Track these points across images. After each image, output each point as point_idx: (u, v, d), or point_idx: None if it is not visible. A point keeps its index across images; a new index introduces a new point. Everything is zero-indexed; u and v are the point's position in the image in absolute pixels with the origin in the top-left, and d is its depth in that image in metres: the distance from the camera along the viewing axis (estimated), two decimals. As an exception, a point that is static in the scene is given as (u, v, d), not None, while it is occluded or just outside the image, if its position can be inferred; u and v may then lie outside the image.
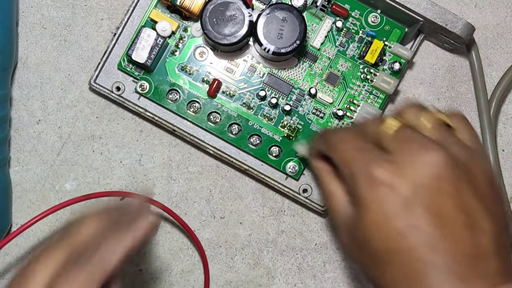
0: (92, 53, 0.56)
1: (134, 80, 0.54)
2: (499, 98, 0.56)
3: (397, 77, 0.53)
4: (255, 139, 0.54)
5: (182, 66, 0.53)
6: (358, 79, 0.53)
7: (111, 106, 0.56)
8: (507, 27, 0.58)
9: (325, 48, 0.53)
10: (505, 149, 0.57)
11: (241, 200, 0.56)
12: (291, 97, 0.53)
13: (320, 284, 0.56)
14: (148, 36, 0.51)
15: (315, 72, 0.53)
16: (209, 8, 0.49)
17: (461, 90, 0.57)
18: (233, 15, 0.49)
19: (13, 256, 0.56)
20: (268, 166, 0.54)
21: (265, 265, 0.56)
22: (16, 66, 0.55)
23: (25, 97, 0.56)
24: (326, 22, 0.53)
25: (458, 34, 0.51)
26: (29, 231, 0.55)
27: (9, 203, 0.54)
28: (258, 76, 0.53)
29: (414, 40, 0.54)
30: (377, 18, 0.53)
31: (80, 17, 0.56)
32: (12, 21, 0.53)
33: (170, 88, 0.53)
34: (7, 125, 0.53)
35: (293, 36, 0.49)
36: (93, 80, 0.53)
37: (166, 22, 0.52)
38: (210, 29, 0.49)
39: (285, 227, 0.56)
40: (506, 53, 0.58)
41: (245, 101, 0.53)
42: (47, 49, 0.56)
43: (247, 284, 0.56)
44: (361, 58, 0.53)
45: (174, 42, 0.53)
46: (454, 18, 0.50)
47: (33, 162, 0.56)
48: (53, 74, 0.56)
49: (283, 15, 0.49)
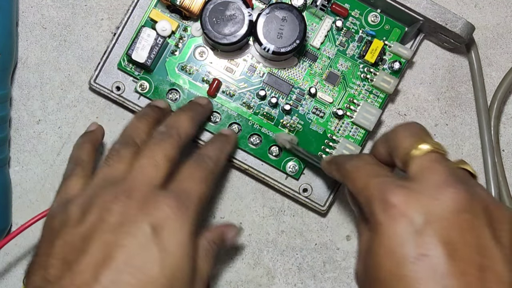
0: (92, 53, 0.56)
1: (134, 79, 0.54)
2: (501, 99, 0.56)
3: (397, 76, 0.53)
4: (255, 139, 0.54)
5: (182, 65, 0.53)
6: (358, 79, 0.53)
7: (111, 106, 0.56)
8: (507, 27, 0.58)
9: (325, 48, 0.53)
10: (505, 149, 0.57)
11: (241, 200, 0.56)
12: (291, 97, 0.53)
13: (320, 284, 0.56)
14: (148, 35, 0.51)
15: (315, 71, 0.53)
16: (209, 7, 0.49)
17: (461, 90, 0.57)
18: (233, 14, 0.49)
19: (13, 256, 0.56)
20: (268, 165, 0.54)
21: (265, 265, 0.56)
22: (16, 66, 0.55)
23: (25, 97, 0.56)
24: (326, 22, 0.53)
25: (458, 33, 0.51)
26: (29, 231, 0.54)
27: (9, 203, 0.54)
28: (258, 75, 0.53)
29: (414, 39, 0.54)
30: (377, 18, 0.53)
31: (80, 17, 0.56)
32: (12, 21, 0.53)
33: (170, 88, 0.53)
34: (7, 125, 0.53)
35: (293, 36, 0.49)
36: (93, 80, 0.53)
37: (166, 22, 0.52)
38: (210, 29, 0.49)
39: (285, 227, 0.56)
40: (506, 53, 0.58)
41: (245, 100, 0.53)
42: (47, 49, 0.56)
43: (247, 284, 0.56)
44: (361, 57, 0.53)
45: (174, 42, 0.53)
46: (454, 17, 0.50)
47: (33, 162, 0.56)
48: (53, 74, 0.56)
49: (283, 15, 0.49)
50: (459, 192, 0.36)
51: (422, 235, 0.35)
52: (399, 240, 0.35)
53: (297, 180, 0.54)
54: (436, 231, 0.35)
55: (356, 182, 0.40)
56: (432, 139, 0.39)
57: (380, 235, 0.36)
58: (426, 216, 0.35)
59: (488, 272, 0.34)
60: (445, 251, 0.34)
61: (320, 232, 0.56)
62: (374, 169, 0.40)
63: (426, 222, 0.35)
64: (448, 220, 0.35)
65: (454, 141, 0.57)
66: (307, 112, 0.53)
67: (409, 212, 0.35)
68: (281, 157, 0.54)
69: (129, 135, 0.45)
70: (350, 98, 0.53)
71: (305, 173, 0.54)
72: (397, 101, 0.57)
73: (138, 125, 0.46)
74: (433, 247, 0.34)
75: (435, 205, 0.35)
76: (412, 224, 0.35)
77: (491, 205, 0.36)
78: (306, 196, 0.54)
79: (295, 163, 0.53)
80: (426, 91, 0.57)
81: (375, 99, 0.53)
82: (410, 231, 0.35)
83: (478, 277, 0.34)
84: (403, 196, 0.36)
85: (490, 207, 0.36)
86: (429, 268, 0.34)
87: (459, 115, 0.57)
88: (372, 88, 0.53)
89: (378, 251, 0.36)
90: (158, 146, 0.43)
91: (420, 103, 0.57)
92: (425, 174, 0.37)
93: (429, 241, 0.35)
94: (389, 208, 0.36)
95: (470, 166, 0.39)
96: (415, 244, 0.35)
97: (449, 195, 0.35)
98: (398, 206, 0.36)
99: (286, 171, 0.54)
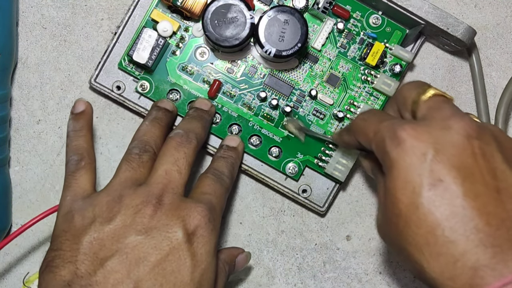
0: (92, 53, 0.56)
1: (135, 79, 0.54)
2: (508, 103, 0.55)
3: (397, 79, 0.52)
4: (255, 140, 0.54)
5: (182, 66, 0.53)
6: (358, 81, 0.53)
7: (111, 106, 0.56)
8: (507, 27, 0.58)
9: (326, 50, 0.53)
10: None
11: (241, 200, 0.56)
12: (291, 98, 0.53)
13: (320, 284, 0.56)
14: (149, 36, 0.51)
15: (315, 73, 0.53)
16: (211, 10, 0.49)
17: (461, 90, 0.57)
18: (234, 17, 0.49)
19: (13, 256, 0.56)
20: (268, 166, 0.54)
21: (265, 265, 0.56)
22: (16, 66, 0.55)
23: (25, 97, 0.55)
24: (327, 24, 0.53)
25: (459, 38, 0.50)
26: (29, 231, 0.55)
27: (9, 203, 0.54)
28: (258, 77, 0.53)
29: (415, 42, 0.54)
30: (379, 20, 0.53)
31: (80, 17, 0.56)
32: (12, 21, 0.52)
33: (171, 88, 0.53)
34: (7, 125, 0.53)
35: (294, 39, 0.49)
36: (93, 79, 0.53)
37: (167, 22, 0.52)
38: (212, 31, 0.49)
39: (285, 227, 0.56)
40: (506, 53, 0.58)
41: (246, 101, 0.53)
42: (47, 49, 0.56)
43: (247, 284, 0.56)
44: (362, 59, 0.53)
45: (175, 42, 0.53)
46: (455, 21, 0.50)
47: (33, 162, 0.56)
48: (53, 74, 0.56)
49: (285, 18, 0.49)
50: (468, 121, 0.37)
51: (436, 162, 0.36)
52: (413, 170, 0.36)
53: (297, 181, 0.54)
54: (449, 158, 0.36)
55: (367, 131, 0.40)
56: (436, 88, 0.41)
57: (395, 170, 0.37)
58: (437, 145, 0.36)
59: (503, 194, 0.35)
60: (459, 175, 0.35)
61: (320, 232, 0.56)
62: (383, 114, 0.41)
63: (438, 150, 0.36)
64: (460, 146, 0.36)
65: (453, 142, 0.57)
66: (308, 114, 0.53)
67: (420, 143, 0.36)
68: (281, 158, 0.54)
69: (145, 140, 0.46)
70: (350, 100, 0.53)
71: (305, 174, 0.54)
72: (397, 102, 0.57)
73: (153, 130, 0.47)
74: (447, 172, 0.35)
75: (445, 134, 0.36)
76: (424, 154, 0.36)
77: (500, 134, 0.38)
78: (305, 197, 0.54)
79: (295, 164, 0.54)
80: (426, 91, 0.57)
81: (375, 101, 0.53)
82: (423, 160, 0.36)
83: (494, 198, 0.35)
84: (413, 130, 0.37)
85: (500, 136, 0.38)
86: (445, 192, 0.35)
87: (458, 116, 0.57)
88: (373, 91, 0.53)
89: (394, 186, 0.37)
90: (179, 153, 0.44)
91: (420, 103, 0.57)
92: (433, 112, 0.38)
93: (443, 167, 0.35)
94: (400, 143, 0.37)
95: None
96: (429, 171, 0.35)
97: (459, 124, 0.36)
98: (409, 139, 0.36)
99: (286, 172, 0.54)
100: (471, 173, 0.35)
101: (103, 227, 0.40)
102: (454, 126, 0.36)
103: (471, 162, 0.36)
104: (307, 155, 0.54)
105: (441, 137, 0.36)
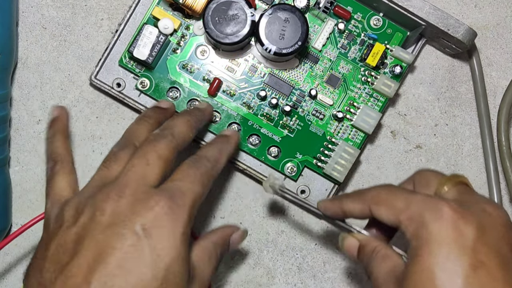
0: (92, 53, 0.56)
1: (135, 77, 0.54)
2: (510, 103, 0.55)
3: (398, 80, 0.52)
4: (254, 139, 0.54)
5: (183, 64, 0.53)
6: (358, 82, 0.53)
7: (111, 106, 0.56)
8: (507, 27, 0.58)
9: (327, 50, 0.53)
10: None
11: (241, 200, 0.56)
12: (291, 98, 0.53)
13: (320, 284, 0.56)
14: (150, 33, 0.51)
15: (316, 73, 0.53)
16: (212, 7, 0.49)
17: (461, 90, 0.57)
18: (235, 14, 0.49)
19: (13, 256, 0.56)
20: (267, 166, 0.54)
21: (265, 265, 0.56)
22: (16, 66, 0.55)
23: (25, 97, 0.55)
24: (328, 24, 0.53)
25: (460, 39, 0.50)
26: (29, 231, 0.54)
27: (9, 203, 0.54)
28: (259, 76, 0.53)
29: (415, 44, 0.54)
30: (379, 21, 0.53)
31: (80, 17, 0.56)
32: (12, 21, 0.52)
33: (171, 86, 0.53)
34: (7, 125, 0.53)
35: (295, 37, 0.49)
36: (93, 76, 0.53)
37: (168, 20, 0.52)
38: (212, 28, 0.49)
39: (285, 227, 0.56)
40: (506, 53, 0.58)
41: (245, 100, 0.53)
42: (47, 49, 0.56)
43: (247, 284, 0.56)
44: (362, 60, 0.53)
45: (175, 40, 0.53)
46: (456, 23, 0.50)
47: (33, 162, 0.56)
48: (53, 74, 0.56)
49: (285, 16, 0.49)
50: (504, 211, 0.38)
51: (479, 243, 0.36)
52: (455, 247, 0.36)
53: (295, 181, 0.54)
54: (492, 241, 0.36)
55: (395, 202, 0.39)
56: None
57: (434, 244, 0.36)
58: (481, 227, 0.36)
59: None
60: (501, 261, 0.35)
61: (320, 232, 0.56)
62: (410, 191, 0.40)
63: (482, 232, 0.36)
64: (500, 233, 0.36)
65: (454, 141, 0.57)
66: (307, 114, 0.53)
67: (464, 220, 0.36)
68: (280, 158, 0.54)
69: (128, 137, 0.45)
70: (350, 101, 0.53)
71: (303, 175, 0.54)
72: (397, 101, 0.57)
73: (138, 128, 0.46)
74: (491, 256, 0.35)
75: (487, 218, 0.37)
76: (468, 233, 0.36)
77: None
78: (303, 198, 0.54)
79: (294, 164, 0.54)
80: (426, 91, 0.57)
81: (375, 102, 0.53)
82: (467, 239, 0.36)
83: None
84: (457, 207, 0.37)
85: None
86: (487, 276, 0.35)
87: (459, 115, 0.57)
88: (373, 92, 0.53)
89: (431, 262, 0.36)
90: (151, 146, 0.42)
91: (420, 103, 0.57)
92: (466, 197, 0.39)
93: (487, 250, 0.36)
94: (444, 216, 0.36)
95: None
96: (472, 251, 0.35)
97: (496, 212, 0.37)
98: (453, 214, 0.36)
99: (285, 172, 0.54)
100: (508, 261, 0.36)
101: (69, 231, 0.38)
102: (493, 213, 0.37)
103: (507, 250, 0.36)
104: (306, 155, 0.54)
105: (483, 221, 0.36)
